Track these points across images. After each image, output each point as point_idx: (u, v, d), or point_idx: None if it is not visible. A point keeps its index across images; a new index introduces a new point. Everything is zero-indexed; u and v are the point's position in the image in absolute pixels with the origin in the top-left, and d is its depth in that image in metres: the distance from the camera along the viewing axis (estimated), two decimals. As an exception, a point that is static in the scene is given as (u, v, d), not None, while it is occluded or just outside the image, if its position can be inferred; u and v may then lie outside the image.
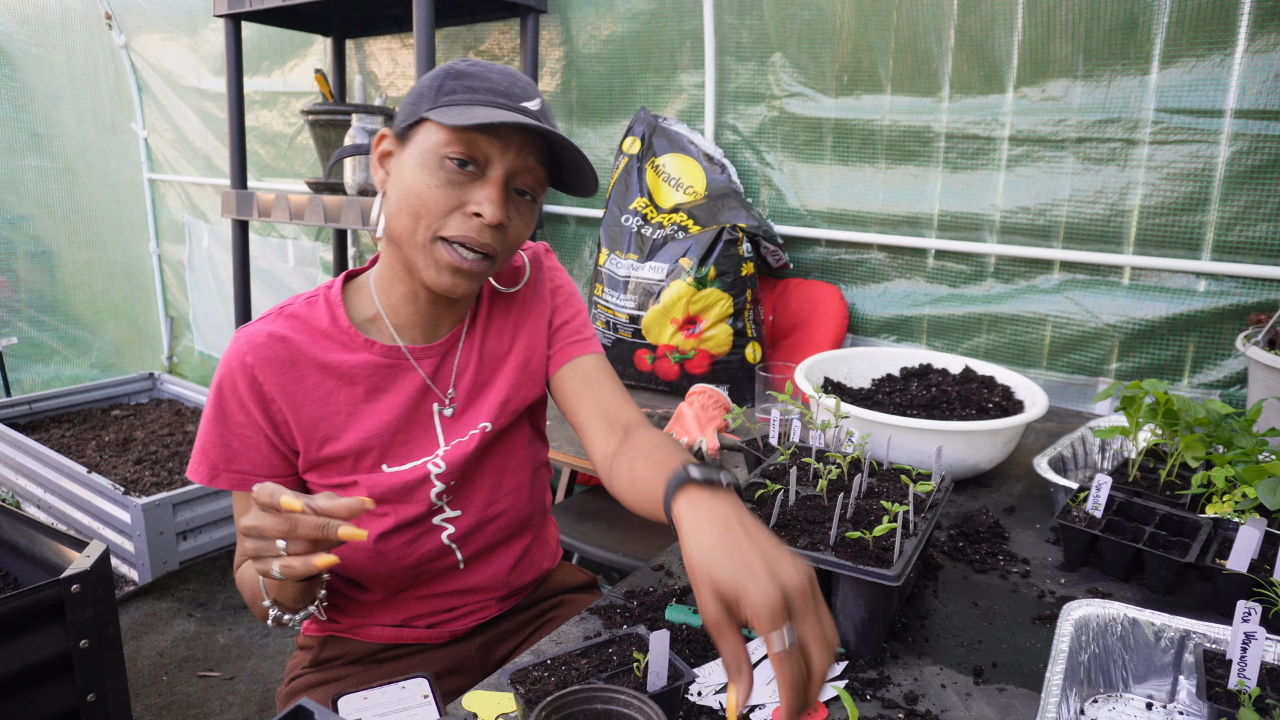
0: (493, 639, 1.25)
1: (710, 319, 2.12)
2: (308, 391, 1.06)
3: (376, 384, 1.09)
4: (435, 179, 0.96)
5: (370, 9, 2.74)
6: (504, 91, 0.98)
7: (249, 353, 1.03)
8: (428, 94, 0.99)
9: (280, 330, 1.06)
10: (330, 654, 1.21)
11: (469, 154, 0.96)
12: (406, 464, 1.10)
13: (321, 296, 1.11)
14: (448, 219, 0.98)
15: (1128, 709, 0.91)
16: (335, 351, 1.07)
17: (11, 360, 4.37)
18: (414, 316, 1.10)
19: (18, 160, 4.34)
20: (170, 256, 4.56)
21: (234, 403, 1.04)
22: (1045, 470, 1.38)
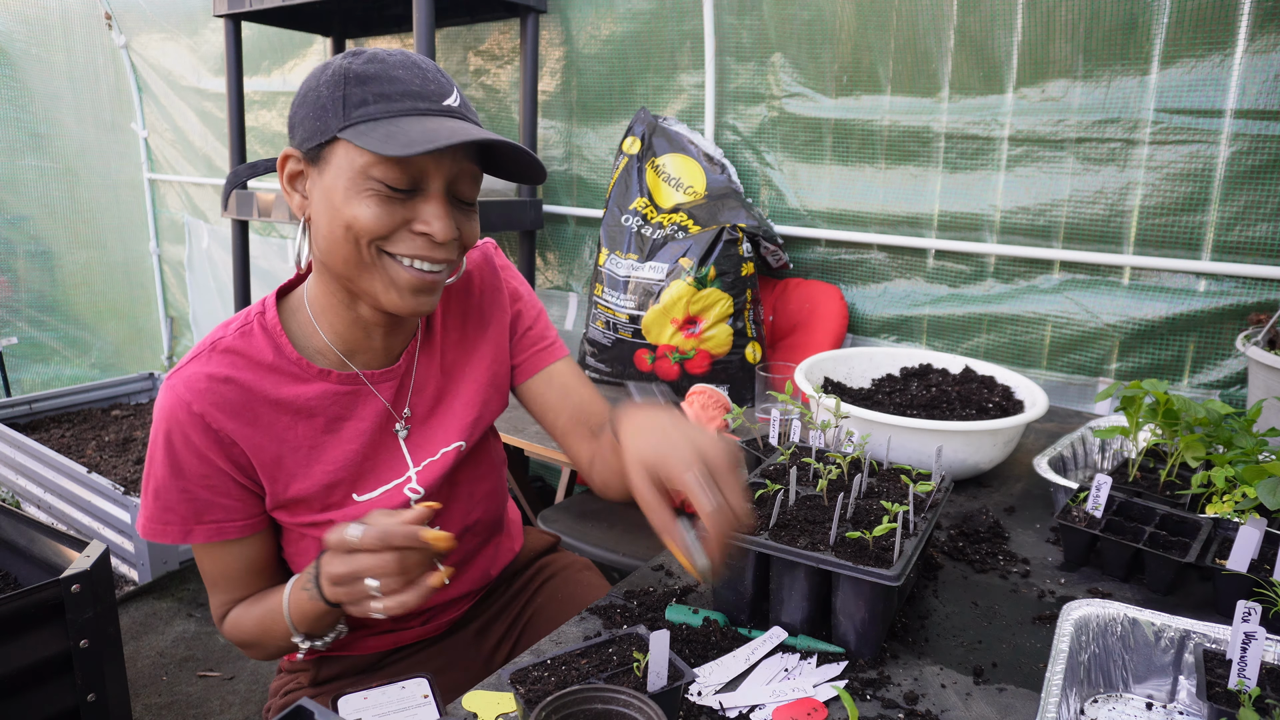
0: (483, 624, 1.27)
1: (710, 319, 2.12)
2: (264, 430, 0.98)
3: (337, 413, 1.02)
4: (370, 205, 0.88)
5: (370, 9, 2.74)
6: (419, 92, 0.89)
7: (193, 400, 0.94)
8: (331, 106, 0.88)
9: (220, 370, 0.96)
10: (330, 673, 1.18)
11: (404, 176, 0.88)
12: (378, 489, 1.06)
13: (255, 325, 1.00)
14: (393, 238, 0.91)
15: (1128, 709, 0.91)
16: (287, 385, 0.99)
17: (11, 360, 4.37)
18: (364, 342, 1.03)
19: (18, 160, 4.34)
20: (170, 256, 4.56)
21: (188, 454, 0.95)
22: (1045, 470, 1.38)
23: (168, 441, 0.95)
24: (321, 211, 0.91)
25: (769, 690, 0.90)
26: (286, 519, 1.03)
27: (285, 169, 0.95)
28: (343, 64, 0.90)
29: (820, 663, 0.95)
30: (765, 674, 0.93)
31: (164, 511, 0.97)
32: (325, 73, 0.91)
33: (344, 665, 1.18)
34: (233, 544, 1.01)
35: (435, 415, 1.11)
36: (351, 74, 0.89)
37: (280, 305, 1.04)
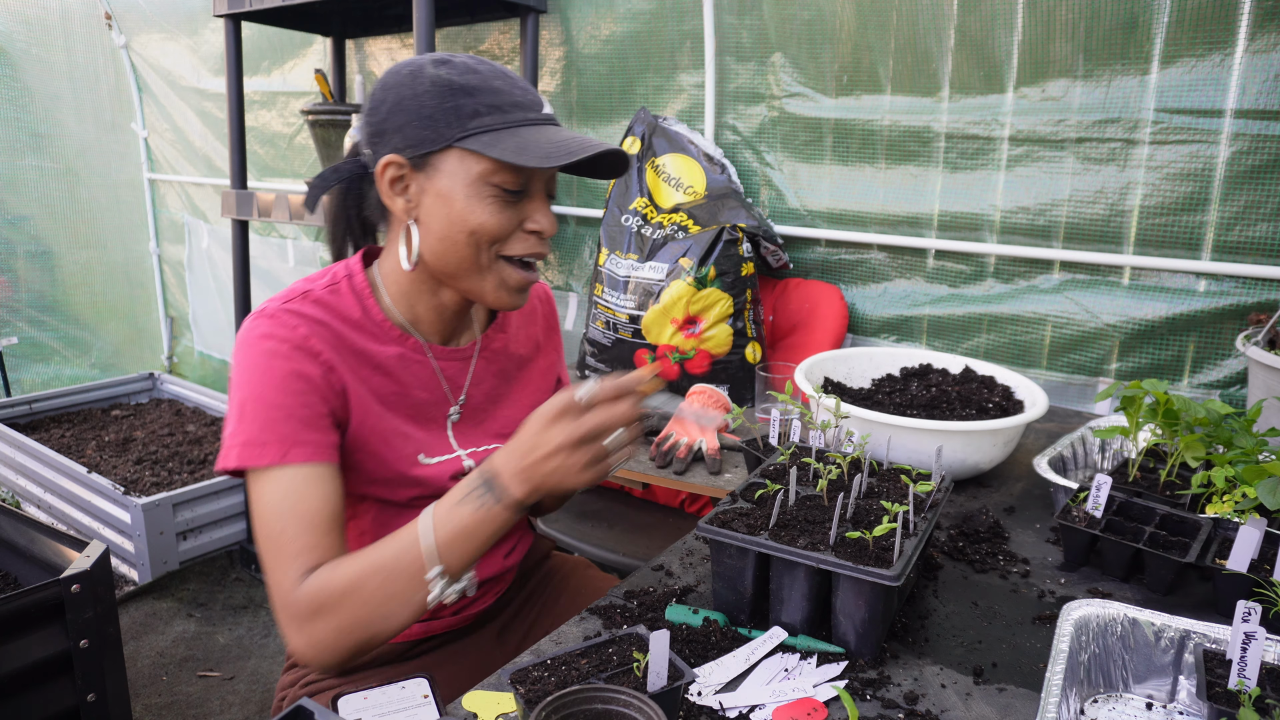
0: (505, 623, 1.29)
1: (710, 319, 2.12)
2: (352, 372, 1.03)
3: (406, 379, 1.09)
4: (491, 207, 0.97)
5: (370, 9, 2.74)
6: (524, 103, 0.98)
7: (298, 325, 0.99)
8: (441, 116, 0.94)
9: (314, 313, 1.02)
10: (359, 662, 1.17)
11: (519, 180, 0.97)
12: (438, 457, 1.11)
13: (345, 284, 1.06)
14: (511, 241, 1.00)
15: (1128, 709, 0.91)
16: (370, 341, 1.06)
17: (11, 360, 4.37)
18: (436, 324, 1.11)
19: (18, 160, 4.34)
20: (170, 256, 4.55)
21: (290, 374, 0.96)
22: (1045, 470, 1.38)
23: (269, 360, 0.96)
24: (436, 215, 0.98)
25: (769, 690, 0.90)
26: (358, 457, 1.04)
27: (386, 174, 0.99)
28: (438, 73, 0.95)
29: (820, 663, 0.95)
30: (765, 674, 0.93)
31: (262, 431, 0.94)
32: (421, 82, 0.95)
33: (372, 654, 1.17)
34: (323, 475, 0.97)
35: (486, 412, 1.18)
36: (454, 85, 0.95)
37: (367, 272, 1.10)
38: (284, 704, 1.23)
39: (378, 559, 0.91)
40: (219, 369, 4.39)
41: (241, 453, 0.94)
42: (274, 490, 0.94)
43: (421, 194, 0.99)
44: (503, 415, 1.20)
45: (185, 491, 2.98)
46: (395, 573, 0.90)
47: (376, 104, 0.99)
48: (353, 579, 0.90)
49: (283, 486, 0.95)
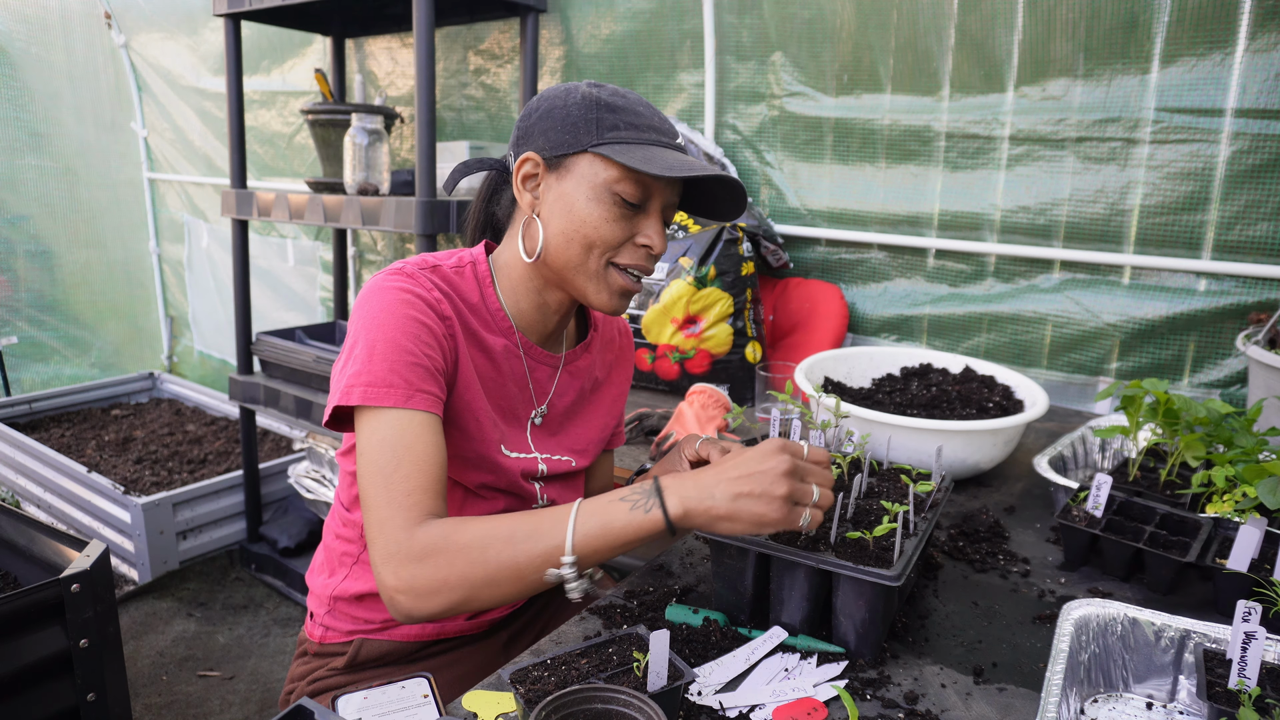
0: (514, 634, 1.30)
1: (710, 318, 2.12)
2: (466, 343, 1.08)
3: (505, 370, 1.13)
4: (609, 213, 1.02)
5: (370, 8, 2.73)
6: (660, 129, 1.05)
7: (431, 287, 1.04)
8: (584, 125, 1.02)
9: (442, 284, 1.07)
10: (369, 654, 1.19)
11: (638, 193, 1.03)
12: (520, 453, 1.15)
13: (469, 268, 1.12)
14: (623, 251, 1.05)
15: (1128, 709, 0.91)
16: (480, 326, 1.10)
17: (11, 360, 4.37)
18: (537, 324, 1.15)
19: (18, 160, 4.34)
20: (170, 256, 4.55)
21: (419, 325, 0.99)
22: (1045, 470, 1.38)
23: (404, 308, 0.99)
24: (557, 213, 1.04)
25: (769, 690, 0.90)
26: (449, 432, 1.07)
27: (522, 170, 1.06)
28: (590, 91, 1.04)
29: (820, 663, 0.95)
30: (765, 674, 0.93)
31: (390, 374, 0.95)
32: (573, 96, 1.04)
33: (384, 649, 1.19)
34: (434, 426, 0.97)
35: (562, 424, 1.23)
36: (602, 102, 1.03)
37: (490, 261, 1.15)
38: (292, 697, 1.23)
39: (511, 528, 0.90)
40: (219, 368, 4.39)
41: (366, 392, 0.95)
42: (394, 432, 0.94)
43: (548, 191, 1.05)
44: (575, 431, 1.24)
45: (185, 491, 2.98)
46: (525, 547, 0.89)
47: (529, 111, 1.07)
48: (478, 539, 0.89)
49: (403, 429, 0.95)
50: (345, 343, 1.02)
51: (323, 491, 2.89)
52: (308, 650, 1.26)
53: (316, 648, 1.24)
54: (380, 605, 1.18)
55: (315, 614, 1.26)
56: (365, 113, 2.38)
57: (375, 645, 1.19)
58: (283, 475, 3.28)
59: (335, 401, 0.97)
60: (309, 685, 1.21)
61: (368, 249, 3.52)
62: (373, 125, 2.38)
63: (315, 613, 1.26)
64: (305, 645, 1.27)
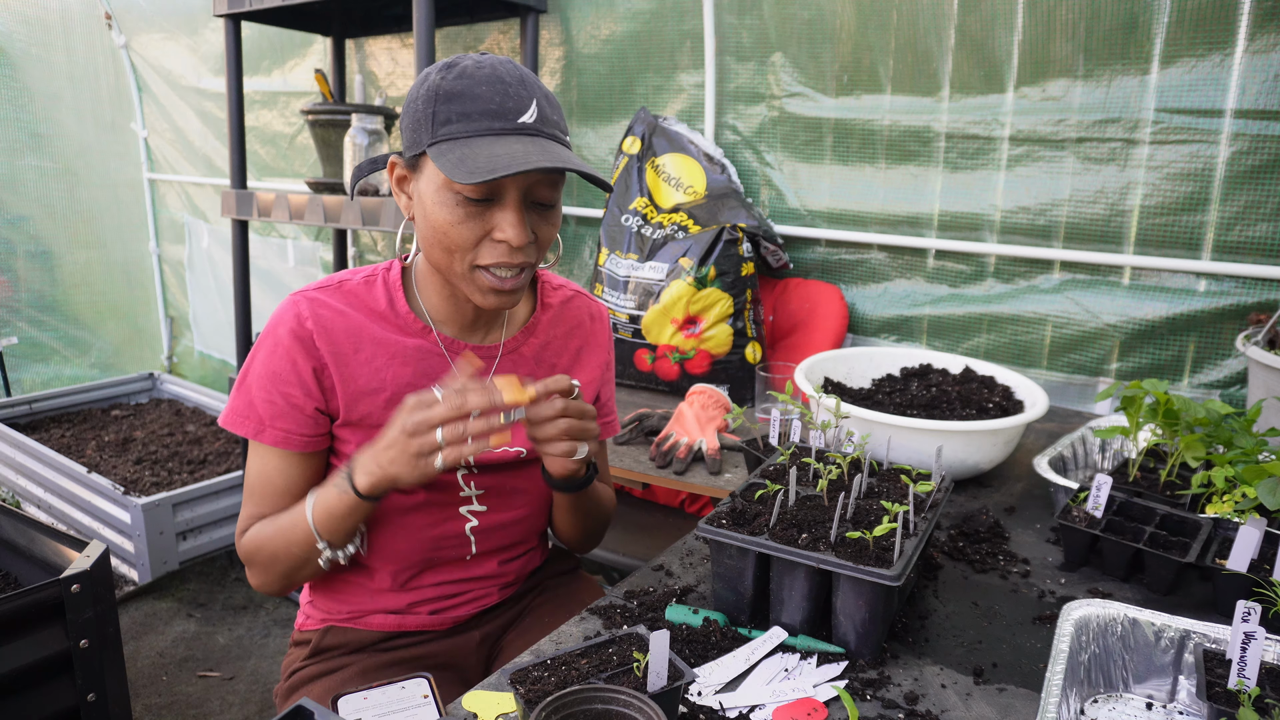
0: (493, 631, 1.28)
1: (710, 319, 2.12)
2: (362, 363, 1.10)
3: (425, 369, 1.13)
4: (455, 215, 0.97)
5: (370, 9, 2.74)
6: (497, 111, 0.95)
7: (309, 319, 1.07)
8: (424, 121, 0.96)
9: (338, 304, 1.10)
10: (331, 643, 1.21)
11: (479, 189, 0.96)
12: None
13: (380, 279, 1.14)
14: (478, 249, 1.00)
15: (1128, 709, 0.91)
16: (391, 332, 1.12)
17: (11, 360, 4.37)
18: (453, 317, 1.14)
19: (18, 160, 4.34)
20: (170, 256, 4.55)
21: (287, 363, 1.07)
22: (1045, 470, 1.38)
23: (274, 345, 1.07)
24: (419, 216, 1.03)
25: (769, 690, 0.90)
26: (351, 441, 1.12)
27: (394, 173, 1.07)
28: (437, 79, 0.98)
29: (820, 663, 0.95)
30: (765, 674, 0.93)
31: (248, 407, 1.08)
32: (423, 86, 0.99)
33: (347, 636, 1.21)
34: (287, 457, 1.10)
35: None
36: (441, 91, 0.96)
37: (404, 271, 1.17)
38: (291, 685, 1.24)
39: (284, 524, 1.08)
40: (219, 369, 4.39)
41: (228, 416, 1.10)
42: (253, 458, 1.12)
43: (415, 194, 1.03)
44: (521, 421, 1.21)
45: (185, 491, 2.98)
46: (293, 536, 1.07)
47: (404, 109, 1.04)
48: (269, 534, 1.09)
49: (258, 457, 1.12)
50: None
51: (323, 492, 2.89)
52: (292, 640, 1.29)
53: (297, 635, 1.27)
54: (349, 595, 1.21)
55: (302, 602, 1.29)
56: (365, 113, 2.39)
57: (340, 633, 1.21)
58: (283, 475, 3.27)
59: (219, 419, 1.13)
60: (285, 681, 1.25)
61: (368, 249, 3.52)
62: (373, 126, 2.38)
63: (302, 601, 1.29)
64: (292, 635, 1.30)
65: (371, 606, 1.20)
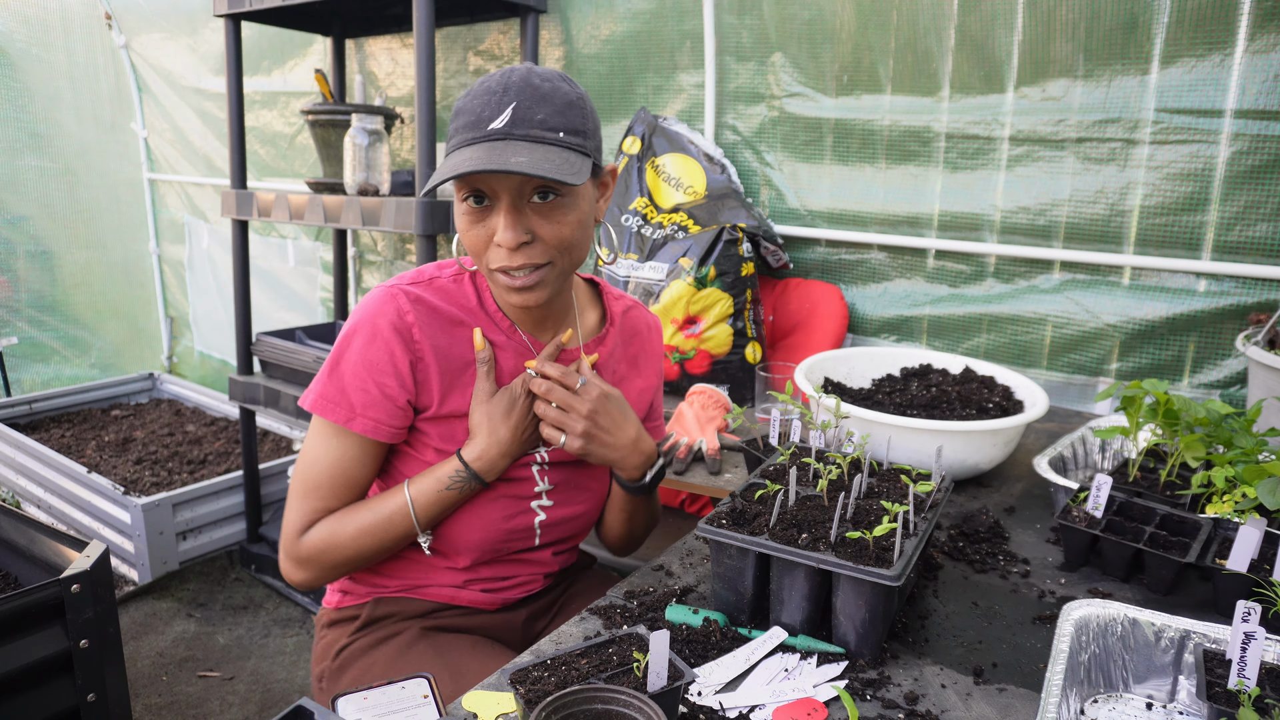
0: (537, 612, 1.32)
1: (710, 319, 2.12)
2: (452, 358, 1.13)
3: (509, 368, 1.17)
4: (464, 222, 1.05)
5: (370, 9, 2.74)
6: (474, 122, 1.00)
7: (409, 312, 1.10)
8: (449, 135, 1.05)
9: (432, 299, 1.13)
10: (383, 613, 1.23)
11: (476, 193, 1.02)
12: None
13: (469, 277, 1.17)
14: (488, 253, 1.04)
15: (1128, 709, 0.91)
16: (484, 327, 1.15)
17: (11, 360, 4.37)
18: (523, 319, 1.18)
19: (18, 160, 4.34)
20: (170, 256, 4.55)
21: (385, 354, 1.09)
22: (1045, 470, 1.38)
23: (372, 335, 1.09)
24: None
25: (769, 690, 0.90)
26: (433, 431, 1.15)
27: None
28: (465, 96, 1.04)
29: (820, 663, 0.95)
30: (765, 674, 0.93)
31: (340, 394, 1.10)
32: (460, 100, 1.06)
33: (399, 606, 1.23)
34: (370, 447, 1.13)
35: None
36: (457, 107, 1.05)
37: None
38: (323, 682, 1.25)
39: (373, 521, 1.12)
40: (219, 369, 4.39)
41: (317, 401, 1.11)
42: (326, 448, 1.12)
43: None
44: None
45: (185, 491, 2.98)
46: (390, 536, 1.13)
47: None
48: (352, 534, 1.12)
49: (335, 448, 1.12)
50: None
51: (323, 492, 2.88)
52: (323, 622, 1.29)
53: (332, 615, 1.28)
54: (405, 571, 1.23)
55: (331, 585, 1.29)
56: (365, 113, 2.39)
57: (391, 603, 1.23)
58: (283, 476, 3.28)
59: (300, 402, 1.13)
60: (333, 661, 1.24)
61: (368, 249, 3.52)
62: (373, 126, 2.38)
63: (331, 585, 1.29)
64: (321, 619, 1.30)
65: (427, 581, 1.23)
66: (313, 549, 1.12)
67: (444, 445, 1.16)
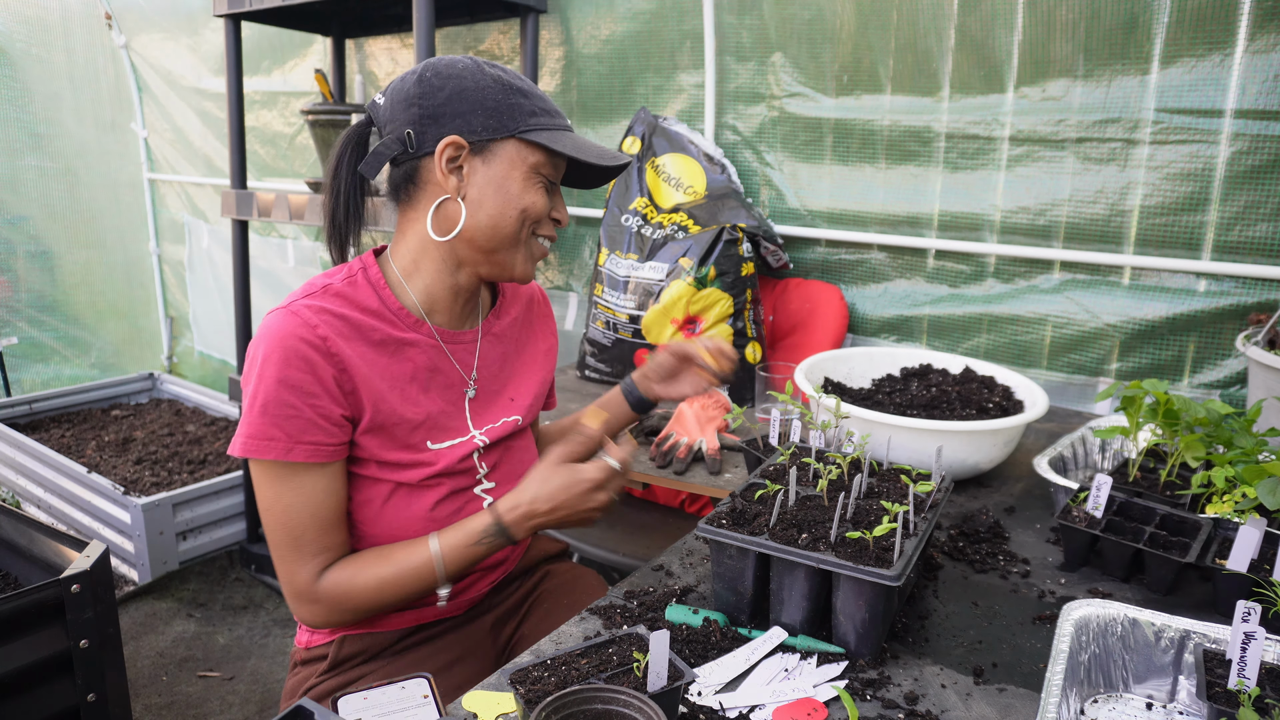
0: (503, 616, 1.31)
1: (710, 319, 2.12)
2: (370, 363, 1.09)
3: (424, 364, 1.15)
4: (540, 193, 1.10)
5: (370, 9, 2.74)
6: (558, 112, 1.13)
7: (318, 324, 1.05)
8: (505, 110, 1.06)
9: (334, 307, 1.08)
10: (350, 652, 1.19)
11: (557, 174, 1.13)
12: (448, 441, 1.17)
13: (360, 276, 1.14)
14: (542, 224, 1.13)
15: (1128, 709, 0.91)
16: (387, 329, 1.12)
17: (11, 360, 4.37)
18: (450, 306, 1.18)
19: (18, 160, 4.34)
20: (170, 256, 4.55)
21: (303, 373, 1.03)
22: (1045, 470, 1.38)
23: (284, 359, 1.02)
24: (490, 195, 1.08)
25: (769, 690, 0.90)
26: (372, 445, 1.10)
27: (444, 154, 1.06)
28: (496, 73, 1.08)
29: (820, 663, 0.95)
30: (765, 674, 0.93)
31: (270, 428, 1.02)
32: (481, 78, 1.07)
33: (365, 643, 1.20)
34: (325, 472, 1.06)
35: (501, 387, 1.26)
36: (514, 86, 1.08)
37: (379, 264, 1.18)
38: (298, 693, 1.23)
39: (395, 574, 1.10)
40: (219, 369, 4.39)
41: (247, 444, 1.02)
42: (284, 492, 1.05)
43: (474, 174, 1.08)
44: (513, 388, 1.27)
45: (185, 491, 2.98)
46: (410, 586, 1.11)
47: (431, 90, 1.06)
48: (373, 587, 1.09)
49: (295, 485, 1.05)
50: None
51: (323, 492, 2.88)
52: (295, 660, 1.26)
53: (303, 654, 1.25)
54: None
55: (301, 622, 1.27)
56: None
57: (355, 641, 1.20)
58: (283, 476, 3.27)
59: (230, 452, 1.05)
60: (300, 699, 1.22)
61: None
62: (373, 126, 2.38)
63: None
64: (294, 657, 1.27)
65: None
66: (333, 594, 1.08)
67: (386, 455, 1.11)
